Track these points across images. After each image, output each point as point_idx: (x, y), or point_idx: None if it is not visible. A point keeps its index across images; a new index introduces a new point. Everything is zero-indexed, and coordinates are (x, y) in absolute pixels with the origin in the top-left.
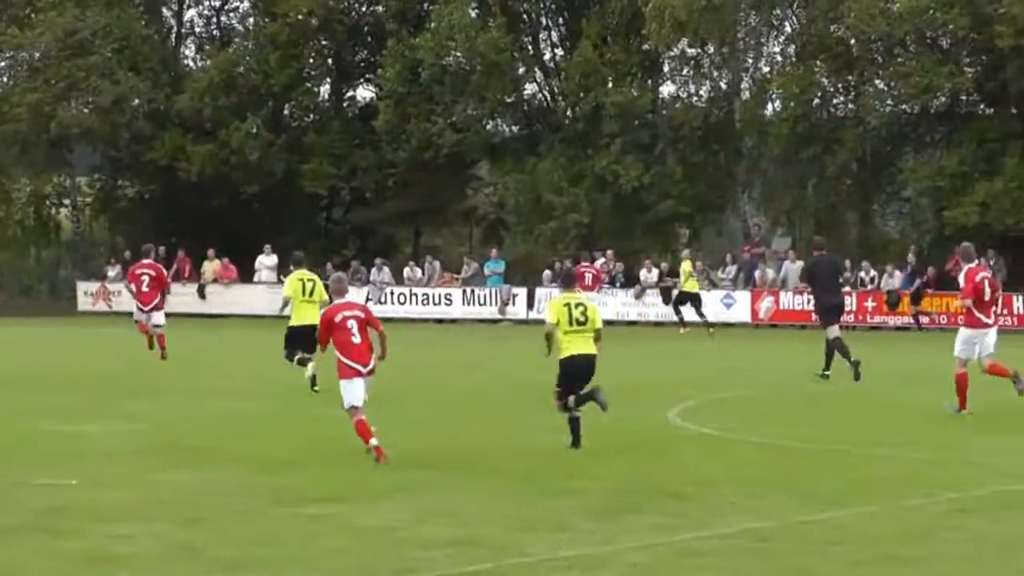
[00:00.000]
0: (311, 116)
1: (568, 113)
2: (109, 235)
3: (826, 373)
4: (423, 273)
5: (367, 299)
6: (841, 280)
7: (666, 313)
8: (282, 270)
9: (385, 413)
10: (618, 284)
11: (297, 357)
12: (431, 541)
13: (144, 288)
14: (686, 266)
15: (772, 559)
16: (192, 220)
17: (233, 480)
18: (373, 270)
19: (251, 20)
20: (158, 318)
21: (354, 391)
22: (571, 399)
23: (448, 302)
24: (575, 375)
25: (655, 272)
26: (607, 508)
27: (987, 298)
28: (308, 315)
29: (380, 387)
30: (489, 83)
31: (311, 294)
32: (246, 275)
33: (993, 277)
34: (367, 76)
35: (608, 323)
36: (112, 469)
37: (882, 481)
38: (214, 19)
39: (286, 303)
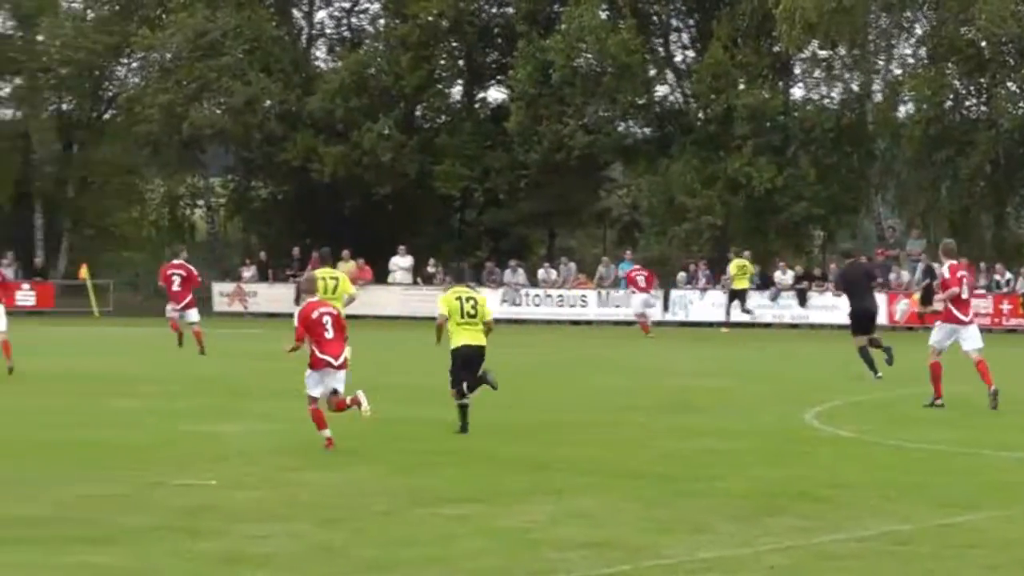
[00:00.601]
0: (443, 117)
1: (699, 115)
2: (243, 236)
3: (878, 375)
4: (558, 274)
5: (502, 301)
6: (874, 285)
7: (801, 315)
8: (417, 271)
9: (522, 414)
10: (753, 286)
11: None
12: (567, 543)
13: (175, 288)
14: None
15: (910, 563)
16: (326, 221)
17: (371, 480)
18: (507, 271)
19: (381, 21)
20: (192, 315)
21: (317, 382)
22: (465, 386)
23: (583, 303)
24: (464, 364)
25: (789, 274)
26: (745, 510)
27: (964, 296)
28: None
29: (516, 389)
30: (620, 85)
31: (334, 291)
32: (380, 276)
33: (970, 276)
34: (498, 77)
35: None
36: (250, 469)
37: (1017, 485)
38: (344, 20)
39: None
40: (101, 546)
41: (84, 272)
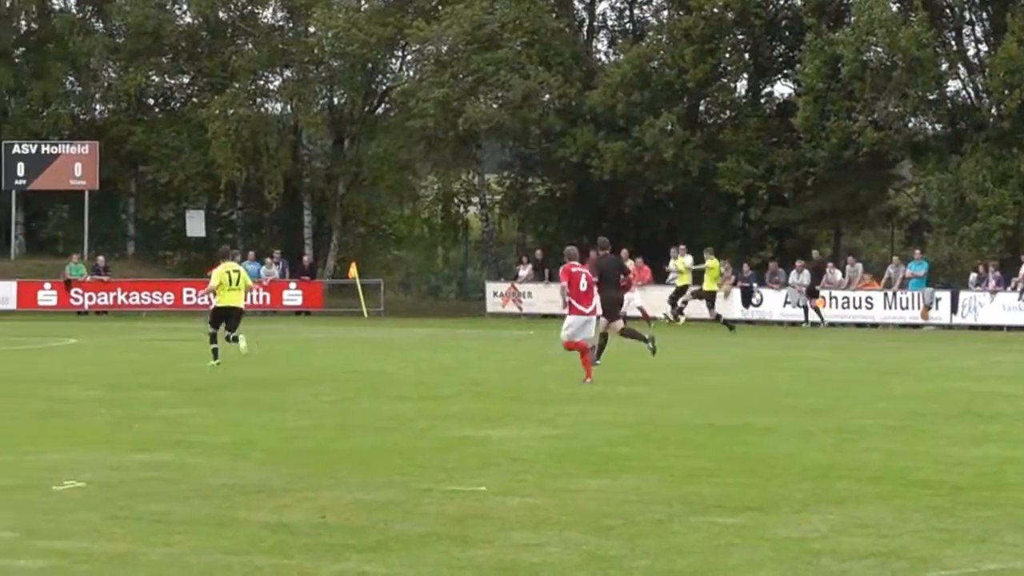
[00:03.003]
0: (727, 113)
1: (993, 111)
2: (519, 234)
3: (596, 362)
4: (843, 275)
5: (785, 302)
6: (623, 276)
7: None
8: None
9: (803, 420)
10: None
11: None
12: (849, 553)
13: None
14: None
15: None
16: (604, 219)
17: (647, 488)
18: (792, 272)
19: (665, 13)
20: None
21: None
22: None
23: (869, 305)
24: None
25: None
26: None
27: (583, 289)
28: (231, 299)
29: (797, 393)
30: (910, 79)
31: (236, 283)
32: (659, 276)
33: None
34: (785, 71)
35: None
36: (522, 475)
37: None
38: (627, 12)
39: (213, 292)
40: (371, 553)
41: (353, 271)
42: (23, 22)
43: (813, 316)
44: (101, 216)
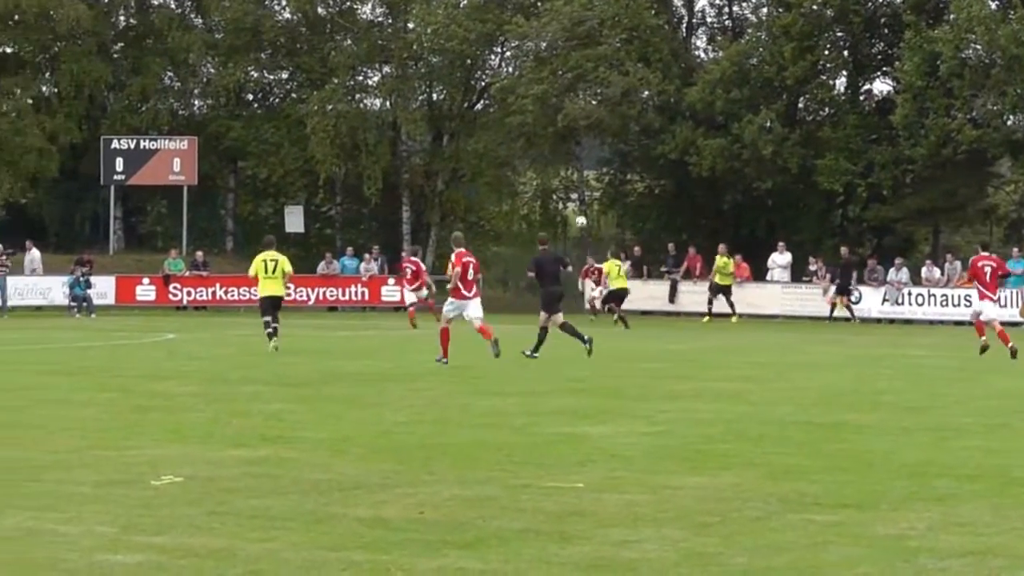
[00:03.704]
0: (826, 110)
1: None
2: (617, 231)
3: (534, 354)
4: (942, 273)
5: (883, 300)
6: (562, 269)
7: None
8: (797, 268)
9: (901, 417)
10: None
11: (267, 321)
12: (946, 551)
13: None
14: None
15: None
16: (703, 216)
17: (744, 485)
18: (891, 270)
19: (764, 10)
20: None
21: None
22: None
23: (968, 303)
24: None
25: None
26: None
27: (470, 277)
28: (270, 287)
29: (897, 391)
30: (1009, 77)
31: (273, 271)
32: (758, 274)
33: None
34: (884, 69)
35: None
36: (619, 472)
37: None
38: (726, 9)
39: (251, 281)
40: (468, 549)
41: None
42: (122, 17)
43: (844, 313)
44: (200, 211)
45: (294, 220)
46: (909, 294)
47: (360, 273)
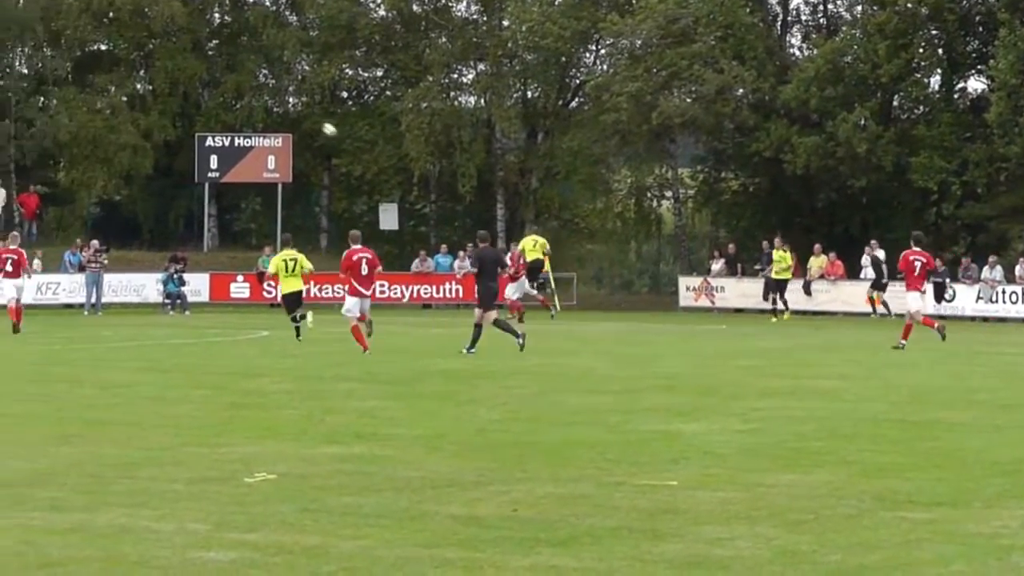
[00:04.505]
0: (920, 108)
1: None
2: (711, 228)
3: (471, 350)
4: None
5: (977, 298)
6: (500, 270)
7: None
8: (891, 267)
9: (995, 415)
10: None
11: (294, 315)
12: None
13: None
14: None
15: None
16: (797, 214)
17: (838, 483)
18: (985, 268)
19: (859, 8)
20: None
21: None
22: None
23: None
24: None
25: None
26: None
27: (364, 273)
28: (291, 285)
29: (994, 389)
30: None
31: (293, 270)
32: (852, 272)
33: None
34: (978, 67)
35: None
36: (713, 470)
37: None
38: (820, 7)
39: (270, 278)
40: (561, 547)
41: (546, 265)
42: (216, 15)
43: (881, 309)
44: (294, 209)
45: (388, 217)
46: (1003, 292)
47: (454, 270)
